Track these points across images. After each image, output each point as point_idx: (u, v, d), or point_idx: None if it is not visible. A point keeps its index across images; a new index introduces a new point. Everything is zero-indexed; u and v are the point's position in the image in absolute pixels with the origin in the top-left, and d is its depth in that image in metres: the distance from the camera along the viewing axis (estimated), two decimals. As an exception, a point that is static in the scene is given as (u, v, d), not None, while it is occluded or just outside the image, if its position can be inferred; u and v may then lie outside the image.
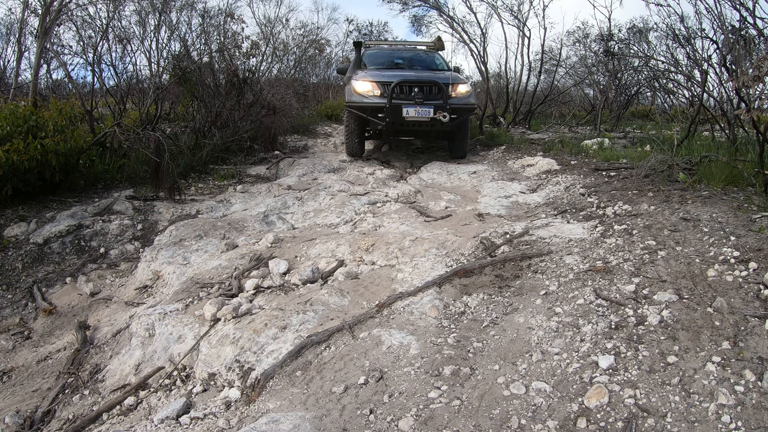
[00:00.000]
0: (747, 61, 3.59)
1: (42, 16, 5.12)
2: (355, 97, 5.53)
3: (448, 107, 5.12)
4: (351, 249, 2.73)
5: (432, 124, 5.21)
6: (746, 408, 1.27)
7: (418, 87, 5.26)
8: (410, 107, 5.13)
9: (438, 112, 5.10)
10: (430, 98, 5.21)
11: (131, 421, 1.71)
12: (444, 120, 5.07)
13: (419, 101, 5.15)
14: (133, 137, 4.47)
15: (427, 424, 1.38)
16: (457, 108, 5.28)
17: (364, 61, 6.41)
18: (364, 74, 5.72)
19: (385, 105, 5.16)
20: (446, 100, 5.16)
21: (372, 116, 5.34)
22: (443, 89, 5.20)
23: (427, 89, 5.27)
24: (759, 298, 1.66)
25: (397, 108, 5.14)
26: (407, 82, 5.30)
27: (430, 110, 5.14)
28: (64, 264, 3.16)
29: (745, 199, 2.65)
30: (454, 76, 5.73)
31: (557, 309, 1.86)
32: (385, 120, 5.20)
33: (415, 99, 5.17)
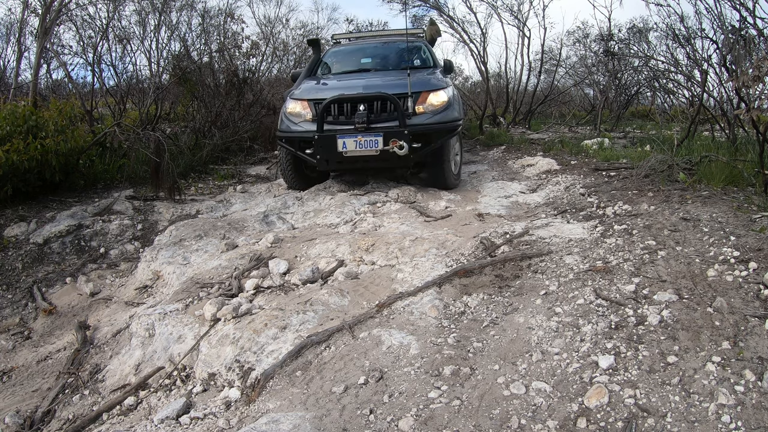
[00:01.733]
0: (747, 61, 3.59)
1: (42, 16, 5.13)
2: (284, 123, 4.05)
3: (407, 132, 3.55)
4: (351, 249, 2.73)
5: (384, 158, 3.64)
6: (746, 408, 1.27)
7: (365, 103, 3.67)
8: (348, 137, 3.58)
9: (392, 141, 3.50)
10: (381, 119, 3.68)
11: (131, 421, 1.71)
12: (401, 153, 3.49)
13: (361, 126, 3.58)
14: (133, 137, 4.47)
15: (427, 424, 1.38)
16: (425, 131, 3.72)
17: (327, 63, 5.01)
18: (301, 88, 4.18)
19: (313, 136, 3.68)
20: (403, 121, 3.58)
21: (301, 152, 3.89)
22: (398, 106, 3.58)
23: (379, 106, 3.71)
24: (759, 298, 1.66)
25: (329, 140, 3.62)
26: (347, 100, 3.73)
27: (378, 140, 3.55)
28: (64, 264, 3.16)
29: (745, 199, 2.65)
30: (426, 79, 4.07)
31: (557, 309, 1.86)
32: (316, 157, 3.75)
33: (356, 124, 3.59)
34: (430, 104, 3.83)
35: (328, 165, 3.95)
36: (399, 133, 3.56)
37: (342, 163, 3.89)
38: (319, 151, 3.73)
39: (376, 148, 3.59)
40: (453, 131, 3.93)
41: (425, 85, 3.95)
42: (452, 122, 3.92)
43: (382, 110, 3.74)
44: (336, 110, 3.78)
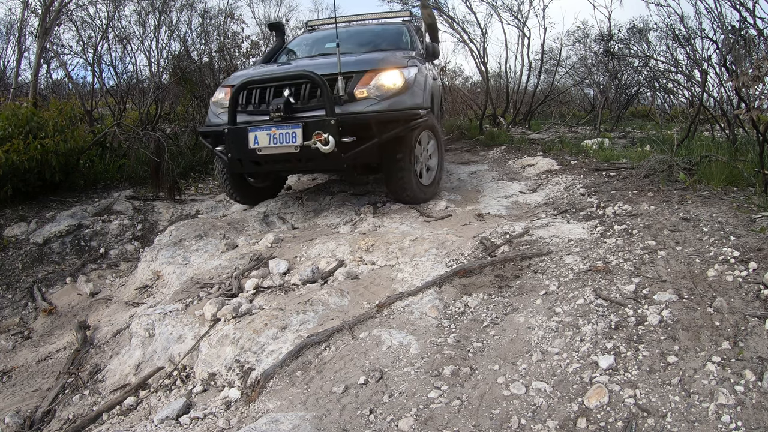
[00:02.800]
0: (747, 61, 3.59)
1: (42, 16, 5.13)
2: (208, 115, 3.53)
3: (334, 122, 2.78)
4: (351, 249, 2.73)
5: (309, 157, 2.90)
6: (746, 408, 1.27)
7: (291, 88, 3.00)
8: (260, 130, 2.90)
9: (315, 134, 2.75)
10: (309, 107, 2.99)
11: (131, 421, 1.71)
12: (325, 149, 2.74)
13: (276, 116, 2.89)
14: (133, 137, 4.48)
15: (427, 424, 1.38)
16: (363, 122, 2.92)
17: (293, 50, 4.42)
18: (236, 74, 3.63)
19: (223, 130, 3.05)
20: (331, 107, 2.83)
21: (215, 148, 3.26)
22: (324, 88, 2.84)
23: (306, 91, 3.00)
24: (759, 298, 1.66)
25: (240, 134, 2.96)
26: (261, 82, 3.09)
27: (296, 132, 2.82)
28: (64, 264, 3.16)
29: (745, 199, 2.65)
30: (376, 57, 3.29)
31: (557, 309, 1.86)
32: (227, 155, 3.10)
33: (270, 113, 2.91)
34: (376, 87, 3.01)
35: (242, 166, 3.21)
36: (324, 123, 2.77)
37: (259, 164, 3.10)
38: (231, 149, 3.04)
39: (295, 144, 2.82)
40: (408, 122, 3.05)
41: (372, 63, 3.14)
42: (407, 111, 3.06)
43: (311, 96, 2.99)
44: (256, 98, 3.12)
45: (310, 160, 2.97)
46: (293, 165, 3.18)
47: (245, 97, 3.18)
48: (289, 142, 2.87)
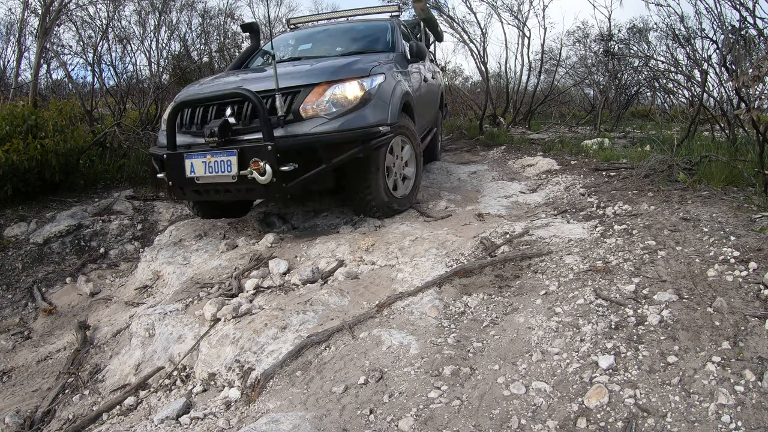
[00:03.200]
0: (747, 61, 3.59)
1: (42, 16, 5.13)
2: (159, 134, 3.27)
3: (270, 148, 2.44)
4: (351, 249, 2.73)
5: (249, 188, 2.59)
6: (746, 408, 1.27)
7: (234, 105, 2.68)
8: (196, 157, 2.61)
9: (252, 162, 2.46)
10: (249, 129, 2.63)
11: (131, 421, 1.71)
12: (262, 180, 2.46)
13: (211, 141, 2.59)
14: (133, 137, 4.48)
15: (427, 424, 1.38)
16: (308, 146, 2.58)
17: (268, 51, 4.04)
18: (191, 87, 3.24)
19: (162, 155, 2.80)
20: (269, 130, 2.48)
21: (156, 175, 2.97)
22: (259, 108, 2.49)
23: (248, 110, 2.64)
24: (759, 298, 1.66)
25: (177, 161, 2.69)
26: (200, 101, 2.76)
27: (231, 160, 2.51)
28: (64, 264, 3.16)
29: (745, 199, 2.65)
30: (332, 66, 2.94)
31: (557, 309, 1.86)
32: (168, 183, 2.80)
33: (205, 138, 2.60)
34: (328, 102, 2.66)
35: (185, 195, 2.90)
36: (260, 149, 2.44)
37: (200, 193, 2.76)
38: (170, 176, 2.74)
39: (231, 173, 2.51)
40: (366, 142, 2.67)
41: (324, 73, 2.78)
42: (364, 130, 2.69)
43: (254, 116, 2.60)
44: (199, 117, 2.80)
45: (250, 190, 2.64)
46: (234, 195, 2.77)
47: (189, 117, 2.86)
48: (224, 171, 2.54)
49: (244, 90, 2.57)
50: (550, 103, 10.21)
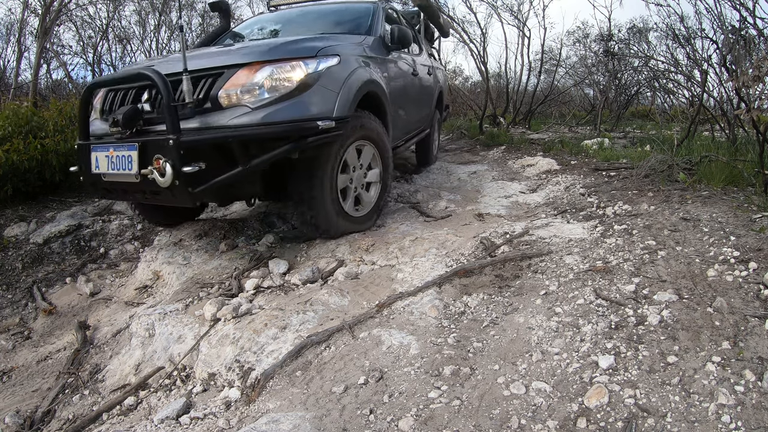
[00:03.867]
0: (747, 61, 3.60)
1: (42, 16, 5.13)
2: None
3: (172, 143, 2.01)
4: (351, 249, 2.73)
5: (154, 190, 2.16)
6: (746, 408, 1.27)
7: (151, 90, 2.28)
8: (101, 149, 2.28)
9: (156, 159, 2.05)
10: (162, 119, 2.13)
11: (131, 421, 1.71)
12: (162, 182, 2.04)
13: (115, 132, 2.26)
14: (133, 137, 4.46)
15: (427, 424, 1.38)
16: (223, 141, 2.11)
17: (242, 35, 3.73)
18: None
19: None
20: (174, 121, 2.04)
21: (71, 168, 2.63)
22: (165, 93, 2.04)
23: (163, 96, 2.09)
24: (759, 298, 1.66)
25: (84, 152, 2.38)
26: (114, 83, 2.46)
27: (131, 156, 2.14)
28: (64, 264, 3.16)
29: (745, 199, 2.65)
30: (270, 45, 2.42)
31: (557, 309, 1.86)
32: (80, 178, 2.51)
33: (111, 128, 2.27)
34: (252, 88, 2.18)
35: (96, 191, 2.51)
36: (162, 144, 2.02)
37: (109, 191, 2.42)
38: (80, 170, 2.44)
39: (132, 171, 2.12)
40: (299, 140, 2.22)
41: (254, 52, 2.28)
42: (294, 124, 2.21)
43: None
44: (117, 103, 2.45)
45: (156, 193, 2.18)
46: (144, 198, 2.36)
47: (109, 102, 2.52)
48: (126, 168, 2.15)
49: (147, 70, 2.11)
50: (550, 103, 10.21)
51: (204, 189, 2.12)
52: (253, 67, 2.22)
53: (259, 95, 2.20)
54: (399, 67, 3.65)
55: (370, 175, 2.97)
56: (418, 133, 4.57)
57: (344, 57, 2.60)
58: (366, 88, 2.73)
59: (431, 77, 4.92)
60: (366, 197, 2.95)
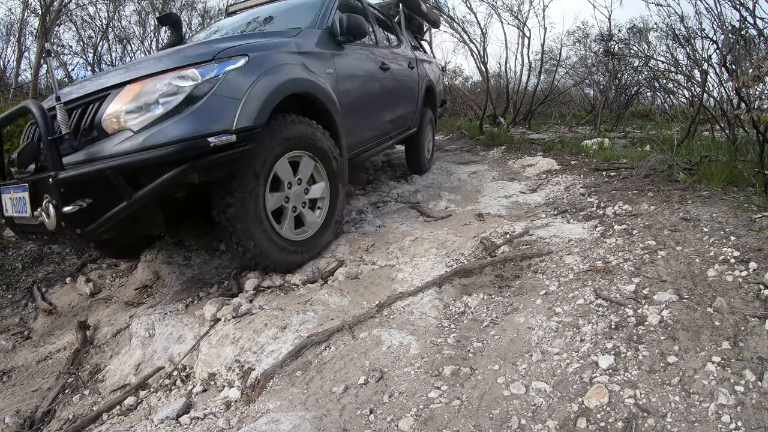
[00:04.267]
0: (747, 61, 3.60)
1: (42, 16, 5.13)
2: None
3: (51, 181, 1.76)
4: (351, 249, 2.73)
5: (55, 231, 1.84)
6: (746, 408, 1.27)
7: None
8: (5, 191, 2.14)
9: (44, 199, 1.81)
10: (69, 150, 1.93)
11: (131, 421, 1.71)
12: (48, 222, 1.80)
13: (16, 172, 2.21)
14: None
15: (427, 424, 1.38)
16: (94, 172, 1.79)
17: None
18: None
19: None
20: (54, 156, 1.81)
21: None
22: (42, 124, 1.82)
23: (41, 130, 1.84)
24: (759, 298, 1.66)
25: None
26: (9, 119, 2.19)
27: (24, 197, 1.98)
28: (64, 264, 3.16)
29: (745, 199, 2.65)
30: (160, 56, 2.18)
31: (557, 309, 1.86)
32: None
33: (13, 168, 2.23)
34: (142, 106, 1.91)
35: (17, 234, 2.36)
36: (45, 182, 1.81)
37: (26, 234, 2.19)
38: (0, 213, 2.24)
39: (27, 214, 1.96)
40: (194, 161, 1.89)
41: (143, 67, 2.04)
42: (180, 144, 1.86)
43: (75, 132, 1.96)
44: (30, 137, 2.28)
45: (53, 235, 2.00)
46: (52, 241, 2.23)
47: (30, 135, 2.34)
48: (23, 211, 1.98)
49: (30, 103, 1.91)
50: (550, 103, 10.21)
51: (95, 228, 1.87)
52: (137, 84, 1.95)
53: (142, 115, 1.90)
54: (357, 62, 3.25)
55: (314, 190, 2.57)
56: (398, 134, 4.20)
57: (256, 57, 2.21)
58: (289, 89, 2.32)
59: (414, 71, 4.51)
60: (310, 217, 2.56)
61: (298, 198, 2.49)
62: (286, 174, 2.39)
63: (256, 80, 2.14)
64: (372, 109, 3.44)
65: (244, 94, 2.07)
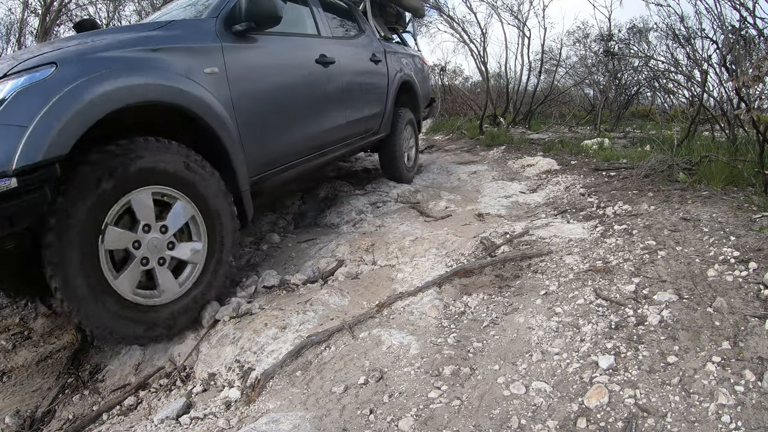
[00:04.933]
0: (747, 61, 3.60)
1: (42, 16, 5.13)
2: None
3: None
4: (351, 249, 2.73)
5: None
6: (746, 408, 1.27)
7: None
8: None
9: None
10: None
11: (131, 421, 1.71)
12: None
13: None
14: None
15: (427, 424, 1.38)
16: None
17: None
18: None
19: None
20: None
21: None
22: None
23: None
24: (759, 298, 1.66)
25: None
26: None
27: None
28: (64, 264, 3.16)
29: (745, 199, 2.65)
30: None
31: (557, 309, 1.86)
32: None
33: None
34: None
35: None
36: None
37: None
38: None
39: None
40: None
41: None
42: None
43: None
44: None
45: None
46: None
47: None
48: None
49: None
50: (550, 103, 10.21)
51: None
52: None
53: None
54: (270, 56, 2.57)
55: (182, 249, 1.95)
56: (358, 141, 3.60)
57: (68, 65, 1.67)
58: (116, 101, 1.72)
59: (380, 65, 3.92)
60: (167, 280, 1.91)
61: (155, 249, 1.84)
62: (145, 213, 1.80)
63: (60, 95, 1.59)
64: (301, 114, 2.77)
65: (33, 119, 1.51)
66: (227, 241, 2.13)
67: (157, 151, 1.84)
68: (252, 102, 2.33)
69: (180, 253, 1.95)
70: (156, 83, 1.85)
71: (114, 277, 1.76)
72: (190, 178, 1.94)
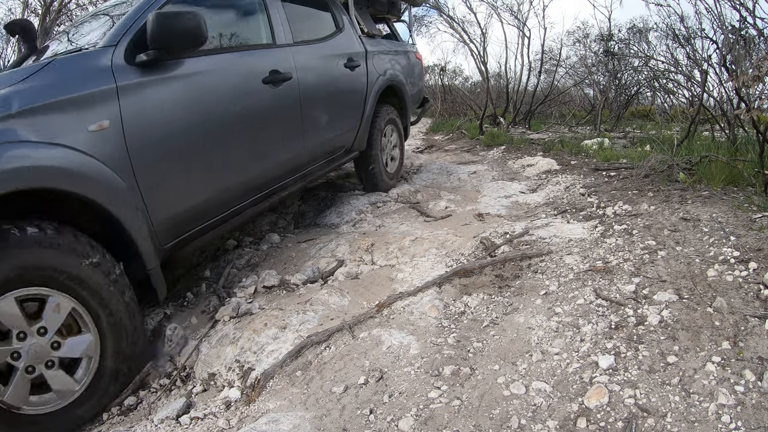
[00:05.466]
0: (747, 61, 3.60)
1: (42, 16, 5.13)
2: None
3: None
4: (351, 249, 2.73)
5: None
6: (746, 408, 1.27)
7: None
8: None
9: None
10: None
11: (131, 421, 1.70)
12: None
13: None
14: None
15: (427, 423, 1.38)
16: None
17: None
18: None
19: None
20: None
21: None
22: None
23: None
24: (759, 298, 1.66)
25: None
26: None
27: None
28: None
29: (745, 199, 2.65)
30: None
31: (557, 309, 1.86)
32: None
33: None
34: None
35: None
36: None
37: None
38: None
39: None
40: None
41: None
42: None
43: None
44: None
45: None
46: None
47: None
48: None
49: None
50: (550, 103, 10.20)
51: None
52: None
53: None
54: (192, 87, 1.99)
55: (70, 346, 1.60)
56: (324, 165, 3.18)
57: None
58: None
59: (358, 71, 3.39)
60: (60, 382, 1.59)
61: (38, 356, 1.52)
62: (13, 321, 1.46)
63: None
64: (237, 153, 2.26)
65: None
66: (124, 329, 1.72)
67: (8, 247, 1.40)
68: (161, 153, 1.83)
69: (68, 351, 1.59)
70: (6, 168, 1.34)
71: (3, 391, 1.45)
72: (60, 268, 1.52)
